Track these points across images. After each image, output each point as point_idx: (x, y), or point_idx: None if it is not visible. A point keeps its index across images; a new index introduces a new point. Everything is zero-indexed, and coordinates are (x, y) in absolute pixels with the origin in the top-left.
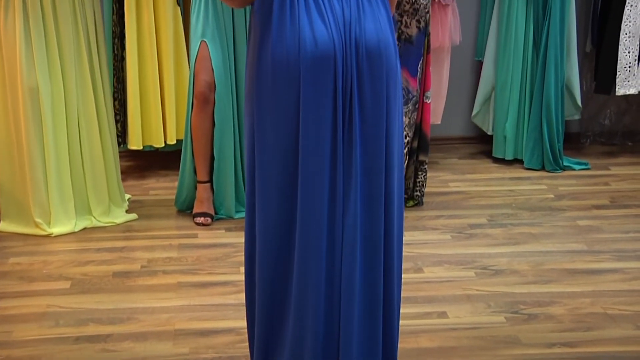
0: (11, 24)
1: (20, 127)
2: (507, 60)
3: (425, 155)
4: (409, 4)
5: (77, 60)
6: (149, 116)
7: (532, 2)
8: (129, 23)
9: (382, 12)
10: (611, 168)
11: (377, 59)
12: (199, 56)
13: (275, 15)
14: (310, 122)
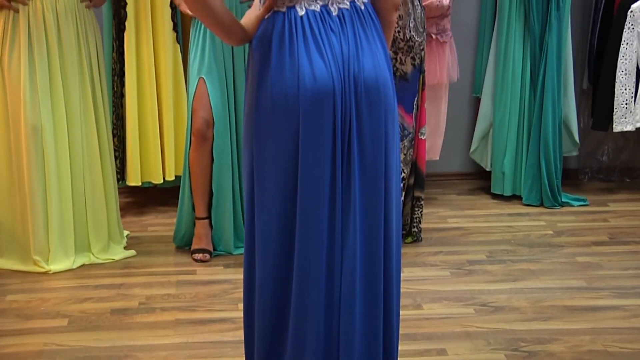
0: (16, 63)
1: (22, 164)
2: (504, 96)
3: (421, 192)
4: (403, 42)
5: (82, 98)
6: (147, 152)
7: (529, 39)
8: (129, 60)
9: (380, 49)
10: (610, 204)
11: (375, 95)
12: (197, 93)
13: (274, 52)
14: (309, 157)
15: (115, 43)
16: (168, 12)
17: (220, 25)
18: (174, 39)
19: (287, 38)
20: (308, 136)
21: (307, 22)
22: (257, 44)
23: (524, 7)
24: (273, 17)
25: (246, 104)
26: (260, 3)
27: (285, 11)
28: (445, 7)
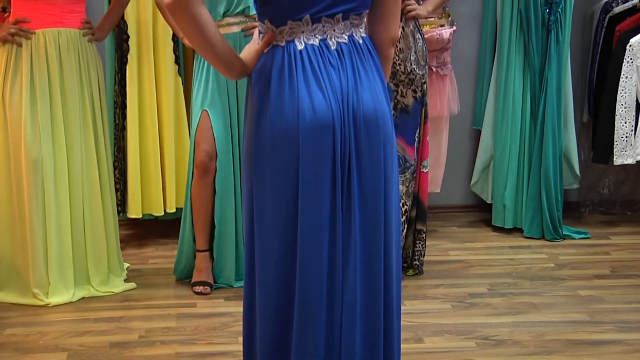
0: (17, 96)
1: (22, 197)
2: (505, 129)
3: (423, 224)
4: (404, 75)
5: (83, 131)
6: (149, 184)
7: (529, 72)
8: (131, 93)
9: (378, 82)
10: (611, 237)
11: (374, 129)
12: (199, 126)
13: (274, 85)
14: (309, 190)
15: (118, 76)
16: (170, 45)
17: (220, 58)
18: (176, 71)
19: (286, 72)
20: (307, 169)
21: (306, 56)
22: (257, 78)
23: (523, 41)
24: (272, 51)
25: (245, 136)
26: (259, 37)
27: (285, 45)
28: (445, 41)
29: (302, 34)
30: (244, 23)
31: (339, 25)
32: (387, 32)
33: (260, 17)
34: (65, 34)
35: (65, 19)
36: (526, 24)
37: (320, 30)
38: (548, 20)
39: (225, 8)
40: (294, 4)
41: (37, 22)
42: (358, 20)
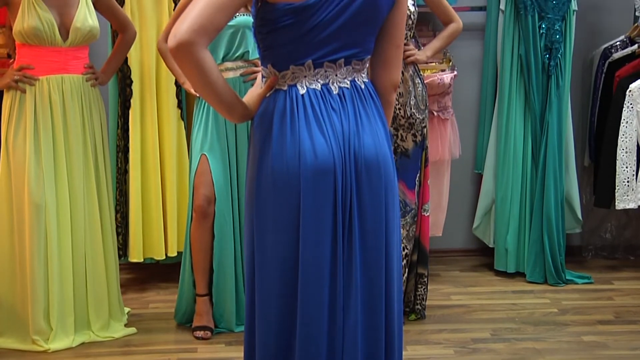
0: (21, 142)
1: (24, 242)
2: (506, 173)
3: (424, 268)
4: (404, 119)
5: (85, 175)
6: (150, 228)
7: (530, 117)
8: (133, 137)
9: (380, 126)
10: (614, 282)
11: (375, 172)
12: (198, 170)
13: (276, 128)
14: (311, 233)
15: (121, 120)
16: (173, 89)
17: (223, 102)
18: (178, 116)
19: (288, 115)
20: (309, 212)
21: (308, 100)
22: (259, 121)
23: (524, 86)
24: (275, 95)
25: (248, 179)
26: (262, 81)
27: (287, 89)
28: (446, 85)
29: (304, 79)
30: (243, 68)
31: (341, 70)
32: (389, 77)
33: (263, 61)
34: (69, 80)
35: (69, 66)
36: (526, 69)
37: (323, 75)
38: (548, 66)
39: (225, 52)
40: (296, 49)
41: (41, 68)
42: (360, 65)
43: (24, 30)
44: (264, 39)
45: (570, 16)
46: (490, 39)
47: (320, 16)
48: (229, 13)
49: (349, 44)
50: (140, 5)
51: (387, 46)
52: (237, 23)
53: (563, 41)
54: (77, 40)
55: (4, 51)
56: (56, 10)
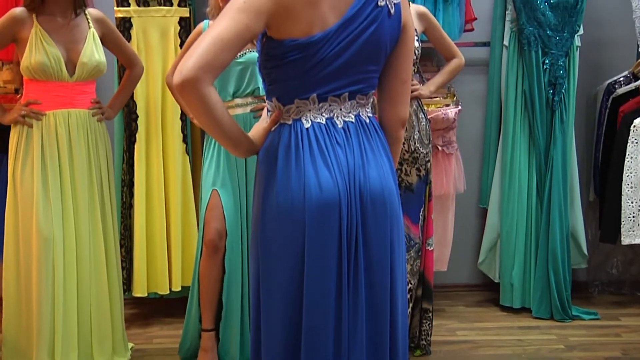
0: (29, 176)
1: (30, 276)
2: (511, 208)
3: (429, 304)
4: (408, 153)
5: (90, 210)
6: (154, 263)
7: (534, 152)
8: (139, 172)
9: (385, 161)
10: (621, 319)
11: (381, 206)
12: (210, 204)
13: (281, 162)
14: (316, 267)
15: (126, 155)
16: (178, 124)
17: (228, 137)
18: (184, 150)
19: (293, 149)
20: (314, 246)
21: (312, 134)
22: (264, 156)
23: (528, 121)
24: (280, 129)
25: (253, 212)
26: (267, 115)
27: (292, 123)
28: (450, 120)
29: (309, 113)
30: (253, 104)
31: (345, 104)
32: (396, 113)
33: (268, 95)
34: (75, 115)
35: (75, 100)
36: (530, 104)
37: (327, 109)
38: (552, 101)
39: (235, 88)
40: (301, 83)
41: (48, 103)
42: (365, 100)
43: (31, 65)
44: (269, 74)
45: (573, 52)
46: (494, 74)
47: (325, 52)
48: (234, 50)
49: (353, 79)
50: (147, 40)
51: (393, 82)
52: (247, 60)
53: (567, 77)
54: (84, 75)
55: (11, 87)
56: (63, 46)
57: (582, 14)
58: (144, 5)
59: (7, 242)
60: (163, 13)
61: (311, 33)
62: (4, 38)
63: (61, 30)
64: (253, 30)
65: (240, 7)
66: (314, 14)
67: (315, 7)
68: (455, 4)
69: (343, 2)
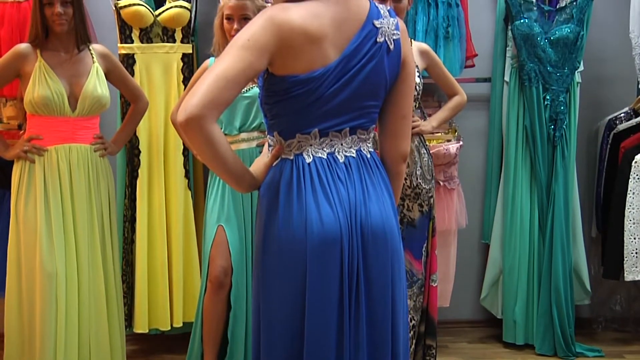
0: (32, 212)
1: (33, 312)
2: (513, 243)
3: (432, 340)
4: (410, 189)
5: (91, 246)
6: (156, 299)
7: (536, 187)
8: (141, 207)
9: (386, 196)
10: (626, 356)
11: (382, 241)
12: (215, 241)
13: (282, 197)
14: (317, 302)
15: (128, 190)
16: (180, 159)
17: (231, 174)
18: (186, 185)
19: (294, 184)
20: (315, 281)
21: (314, 169)
22: (265, 191)
23: (529, 156)
24: (281, 164)
25: (255, 247)
26: (269, 150)
27: (293, 158)
28: (452, 155)
29: (310, 147)
30: (259, 138)
31: (346, 139)
32: (397, 148)
33: (270, 130)
34: (76, 150)
35: (77, 136)
36: (532, 139)
37: (328, 144)
38: (553, 137)
39: (242, 122)
40: (302, 118)
41: (50, 138)
42: (365, 135)
43: (34, 99)
44: (270, 109)
45: (574, 88)
46: (496, 109)
47: (326, 87)
48: (238, 88)
49: (354, 115)
50: (149, 76)
51: (394, 117)
52: (253, 94)
53: (568, 112)
54: (86, 110)
55: (14, 123)
56: (66, 80)
57: (582, 51)
58: (147, 42)
59: (9, 278)
60: (166, 49)
61: (312, 69)
62: (8, 73)
63: (65, 65)
64: (256, 67)
65: (243, 44)
66: (316, 50)
67: (317, 44)
68: (456, 40)
69: (343, 38)
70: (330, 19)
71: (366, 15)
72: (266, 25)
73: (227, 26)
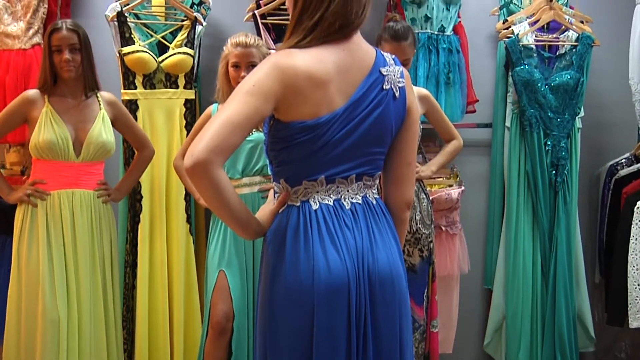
0: (35, 257)
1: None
2: (516, 288)
3: None
4: (410, 234)
5: (92, 291)
6: (157, 345)
7: (538, 232)
8: (142, 253)
9: (392, 243)
10: None
11: (389, 289)
12: (217, 286)
13: (289, 244)
14: (325, 351)
15: (130, 235)
16: (182, 204)
17: (236, 220)
18: (187, 230)
19: (302, 231)
20: (323, 328)
21: (321, 216)
22: (272, 237)
23: (531, 201)
24: (287, 210)
25: (260, 294)
26: (274, 197)
27: (300, 205)
28: (454, 200)
29: (316, 194)
30: (261, 183)
31: (352, 186)
32: (401, 195)
33: (276, 177)
34: (79, 195)
35: (81, 181)
36: (533, 184)
37: (335, 191)
38: (555, 182)
39: (244, 166)
40: (309, 165)
41: (53, 183)
42: (371, 181)
43: (39, 144)
44: (277, 156)
45: (575, 134)
46: (497, 155)
47: (333, 134)
48: (244, 133)
49: (360, 161)
50: (152, 122)
51: (398, 164)
52: (256, 138)
53: (569, 158)
54: (90, 156)
55: (18, 168)
56: (72, 126)
57: (583, 97)
58: (150, 88)
59: (8, 323)
60: (169, 95)
61: (319, 115)
62: (16, 119)
63: (72, 111)
64: (262, 113)
65: (249, 90)
66: (322, 96)
67: (322, 89)
68: (457, 86)
69: (350, 85)
70: (335, 64)
71: (373, 62)
72: (271, 71)
73: (233, 74)
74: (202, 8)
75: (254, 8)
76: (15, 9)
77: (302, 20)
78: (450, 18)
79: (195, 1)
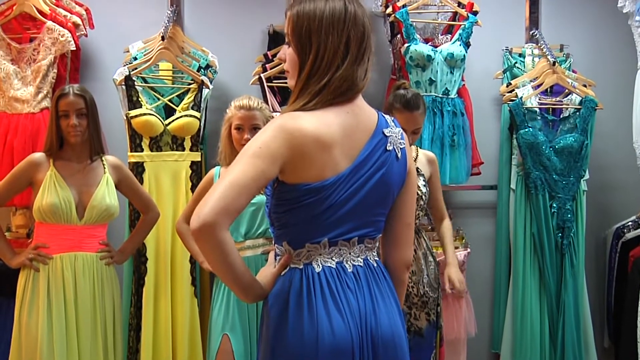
0: (34, 321)
1: None
2: (524, 353)
3: None
4: (417, 297)
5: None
6: None
7: (546, 295)
8: (146, 316)
9: (393, 305)
10: None
11: (392, 352)
12: (220, 349)
13: (292, 307)
14: None
15: (134, 298)
16: (187, 266)
17: (240, 283)
18: (192, 293)
19: (305, 294)
20: None
21: (324, 279)
22: (274, 301)
23: (538, 264)
24: (290, 273)
25: (260, 358)
26: (275, 260)
27: (303, 268)
28: (460, 263)
29: (319, 257)
30: (265, 246)
31: (354, 248)
32: (401, 257)
33: (278, 239)
34: (82, 258)
35: (83, 244)
36: (540, 247)
37: (337, 253)
38: (561, 245)
39: (247, 229)
40: (312, 227)
41: (56, 246)
42: (372, 244)
43: (42, 207)
44: (280, 218)
45: (580, 196)
46: (502, 217)
47: (337, 196)
48: (250, 195)
49: (362, 223)
50: (158, 184)
51: (398, 225)
52: (259, 200)
53: (575, 220)
54: (93, 219)
55: (23, 231)
56: (76, 189)
57: (587, 159)
58: (156, 150)
59: None
60: (175, 157)
61: (324, 177)
62: (21, 182)
63: (76, 174)
64: (268, 174)
65: (255, 152)
66: (327, 158)
67: (328, 152)
68: (462, 148)
69: (354, 147)
70: (340, 127)
71: (375, 124)
72: (278, 133)
73: (236, 136)
74: (208, 71)
75: (260, 71)
76: (25, 74)
77: (309, 84)
78: (454, 81)
79: (202, 65)
